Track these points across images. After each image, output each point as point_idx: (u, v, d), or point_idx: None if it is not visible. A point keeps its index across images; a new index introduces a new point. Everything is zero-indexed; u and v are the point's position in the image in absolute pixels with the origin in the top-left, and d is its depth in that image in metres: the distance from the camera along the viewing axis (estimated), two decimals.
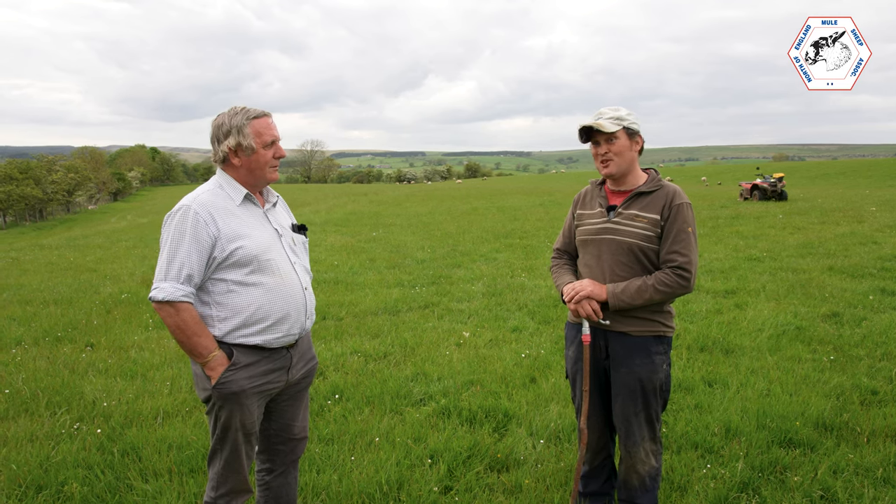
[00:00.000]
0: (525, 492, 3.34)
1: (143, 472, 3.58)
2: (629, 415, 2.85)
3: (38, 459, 3.68)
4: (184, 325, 2.34)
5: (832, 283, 8.41)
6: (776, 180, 23.66)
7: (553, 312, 7.27)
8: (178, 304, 2.33)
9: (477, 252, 12.78)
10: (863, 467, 3.50)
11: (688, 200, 2.79)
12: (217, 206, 2.43)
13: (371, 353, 5.83)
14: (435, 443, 3.86)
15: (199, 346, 2.38)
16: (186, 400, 4.69)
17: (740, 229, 14.82)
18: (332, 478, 3.45)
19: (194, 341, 2.37)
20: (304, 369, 2.70)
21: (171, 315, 2.34)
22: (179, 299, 2.33)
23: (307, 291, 2.61)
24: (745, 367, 5.18)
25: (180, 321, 2.34)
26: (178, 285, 2.34)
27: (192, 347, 2.38)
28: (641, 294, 2.70)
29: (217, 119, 2.49)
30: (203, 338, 2.38)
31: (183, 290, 2.35)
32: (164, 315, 2.36)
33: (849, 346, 5.67)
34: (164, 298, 2.32)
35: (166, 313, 2.35)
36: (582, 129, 2.80)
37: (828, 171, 53.91)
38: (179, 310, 2.34)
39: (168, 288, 2.33)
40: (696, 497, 3.24)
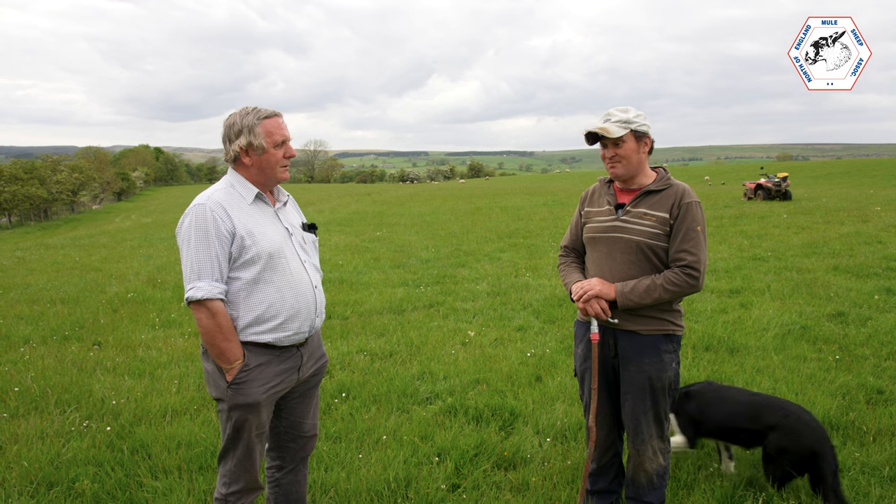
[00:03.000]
0: (532, 489, 3.35)
1: (153, 469, 3.61)
2: (638, 413, 2.86)
3: (49, 456, 3.71)
4: (218, 329, 2.33)
5: (837, 282, 8.40)
6: (780, 180, 23.59)
7: (558, 311, 7.28)
8: (215, 303, 2.31)
9: (481, 251, 12.79)
10: (869, 466, 3.51)
11: (697, 199, 2.78)
12: (230, 203, 2.45)
13: (377, 352, 5.85)
14: (442, 441, 3.87)
15: (228, 351, 2.38)
16: (194, 398, 4.72)
17: (744, 229, 14.79)
18: (340, 475, 3.47)
19: (224, 346, 2.36)
20: (314, 367, 2.72)
21: (209, 317, 2.31)
22: (216, 297, 2.32)
23: (317, 290, 2.63)
24: (751, 366, 5.19)
25: (216, 324, 2.32)
26: (213, 283, 2.33)
27: (221, 351, 2.37)
28: (650, 293, 2.71)
29: (228, 119, 2.50)
30: (234, 343, 2.38)
31: (219, 287, 2.34)
32: (202, 316, 2.31)
33: (854, 345, 5.67)
34: (204, 297, 2.30)
35: (203, 314, 2.31)
36: (588, 133, 2.80)
37: (832, 171, 53.70)
38: (216, 312, 2.31)
39: (205, 286, 2.32)
40: (703, 495, 3.25)
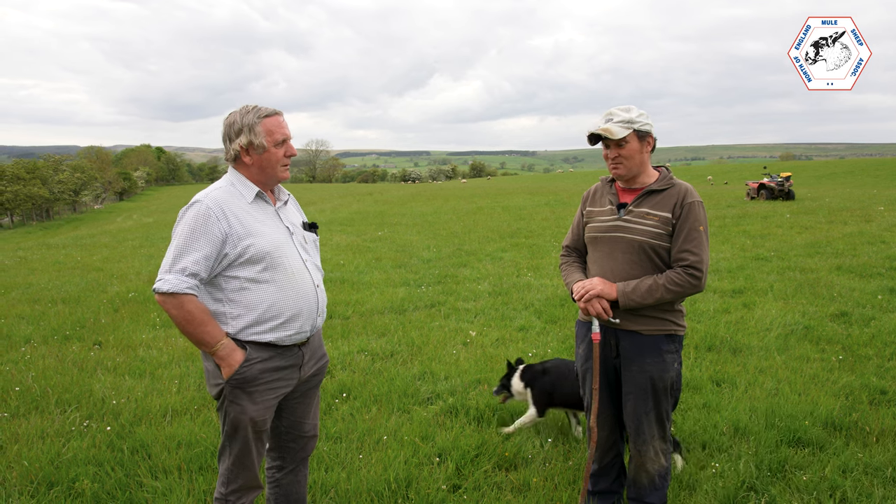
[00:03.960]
0: (533, 490, 3.34)
1: (153, 469, 3.60)
2: (640, 413, 2.85)
3: (49, 456, 3.70)
4: (189, 317, 2.34)
5: (840, 282, 8.37)
6: (783, 179, 23.55)
7: (559, 311, 7.26)
8: (182, 296, 2.32)
9: (483, 251, 12.78)
10: (872, 467, 3.48)
11: (699, 199, 2.77)
12: (229, 203, 2.44)
13: (378, 352, 5.84)
14: (443, 441, 3.86)
15: (206, 334, 2.37)
16: (195, 398, 4.71)
17: (747, 229, 14.77)
18: (340, 476, 3.46)
19: (201, 331, 2.36)
20: (315, 367, 2.71)
21: (176, 307, 2.33)
22: (184, 291, 2.32)
23: (319, 289, 2.62)
24: (754, 366, 5.17)
25: (185, 313, 2.33)
26: (182, 277, 2.33)
27: (199, 337, 2.37)
28: (652, 293, 2.69)
29: (229, 118, 2.49)
30: (209, 325, 2.38)
31: (187, 282, 2.33)
32: (169, 307, 2.34)
33: (857, 345, 5.65)
34: (169, 290, 2.31)
35: (171, 305, 2.33)
36: (591, 134, 2.78)
37: (835, 171, 53.63)
38: (183, 302, 2.32)
39: (172, 279, 2.32)
40: (705, 496, 3.23)
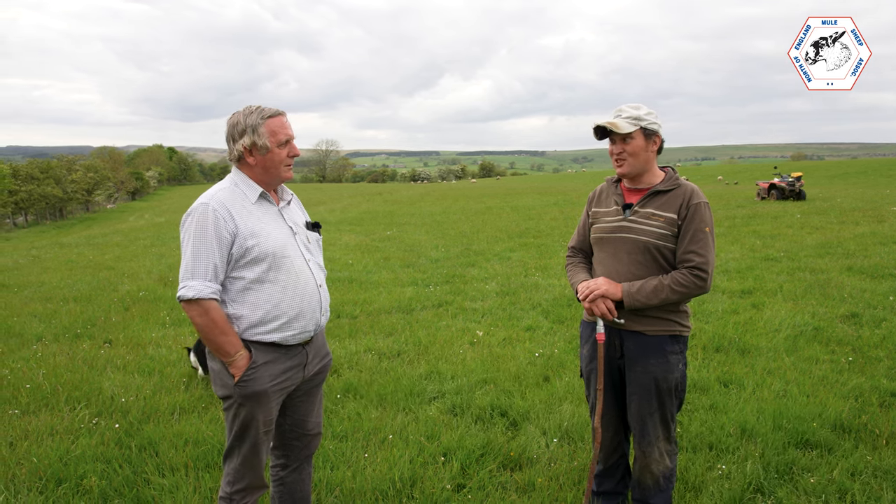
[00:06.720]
0: (538, 490, 3.33)
1: (160, 466, 3.63)
2: (644, 414, 2.83)
3: (58, 453, 3.74)
4: (213, 325, 2.35)
5: (851, 283, 8.29)
6: (794, 179, 23.35)
7: (567, 311, 7.24)
8: (207, 302, 2.33)
9: (491, 251, 12.77)
10: (881, 470, 3.45)
11: (705, 200, 2.75)
12: (234, 203, 2.45)
13: (385, 352, 5.85)
14: (448, 441, 3.86)
15: (227, 344, 2.39)
16: (202, 396, 4.75)
17: (757, 229, 14.65)
18: (345, 474, 3.47)
19: (222, 340, 2.38)
20: (318, 365, 2.72)
21: (201, 314, 2.34)
22: (209, 296, 2.34)
23: (321, 288, 2.63)
24: (762, 367, 5.13)
25: (209, 321, 2.35)
26: (205, 283, 2.35)
27: (219, 346, 2.39)
28: (657, 294, 2.68)
29: (232, 118, 2.51)
30: (231, 336, 2.40)
31: (211, 287, 2.35)
32: (194, 314, 2.34)
33: (868, 347, 5.59)
34: (194, 296, 2.32)
35: (196, 312, 2.34)
36: (597, 127, 2.78)
37: (847, 171, 53.08)
38: (208, 309, 2.34)
39: (197, 286, 2.34)
40: (711, 497, 3.22)
